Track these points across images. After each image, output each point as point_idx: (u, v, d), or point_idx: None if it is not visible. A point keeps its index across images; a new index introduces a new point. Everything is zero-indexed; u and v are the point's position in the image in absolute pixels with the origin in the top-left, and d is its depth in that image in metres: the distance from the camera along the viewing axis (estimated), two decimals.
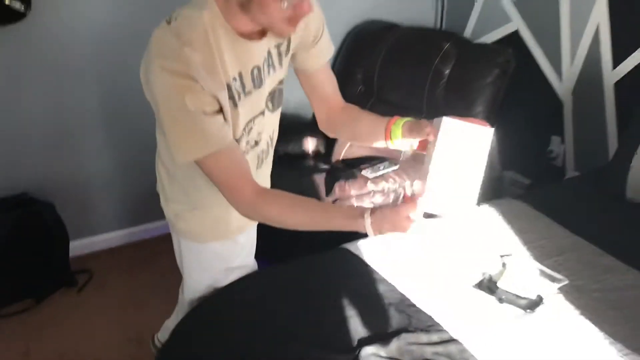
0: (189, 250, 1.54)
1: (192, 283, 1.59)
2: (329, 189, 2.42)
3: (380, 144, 1.33)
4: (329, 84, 1.46)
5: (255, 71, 1.26)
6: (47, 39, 2.42)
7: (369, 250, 1.72)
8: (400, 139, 1.27)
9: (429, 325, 1.41)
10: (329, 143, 2.89)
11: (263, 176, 1.51)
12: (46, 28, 2.39)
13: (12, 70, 2.42)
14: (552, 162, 2.88)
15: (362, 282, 1.59)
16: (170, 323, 1.79)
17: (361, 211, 1.14)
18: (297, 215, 1.23)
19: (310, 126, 2.92)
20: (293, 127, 2.87)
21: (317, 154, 2.91)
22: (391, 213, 1.10)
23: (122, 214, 2.89)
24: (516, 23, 2.93)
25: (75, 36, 2.48)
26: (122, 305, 2.49)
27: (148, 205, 2.90)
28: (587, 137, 2.73)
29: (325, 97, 1.47)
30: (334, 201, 1.26)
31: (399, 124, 1.27)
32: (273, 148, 1.50)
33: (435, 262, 1.68)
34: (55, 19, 2.40)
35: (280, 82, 1.38)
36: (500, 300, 1.50)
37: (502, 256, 1.67)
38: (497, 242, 1.77)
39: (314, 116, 1.51)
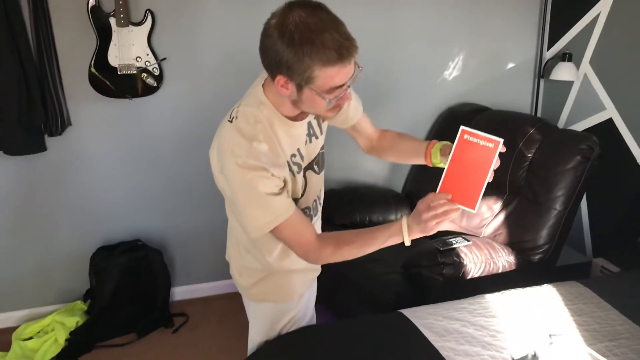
0: (258, 309, 1.73)
1: (256, 337, 1.75)
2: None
3: (420, 162, 1.57)
4: (367, 124, 1.73)
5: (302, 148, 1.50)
6: (173, 110, 2.86)
7: (422, 316, 1.82)
8: (439, 161, 1.49)
9: None
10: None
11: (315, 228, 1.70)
12: (172, 100, 2.83)
13: (138, 136, 2.87)
14: None
15: (407, 343, 1.70)
16: None
17: (399, 225, 1.34)
18: (351, 244, 1.42)
19: (390, 198, 3.11)
20: (377, 201, 3.07)
21: None
22: (418, 220, 1.30)
23: (218, 267, 3.07)
24: (610, 111, 2.96)
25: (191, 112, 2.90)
26: (210, 348, 2.72)
27: None
28: None
29: (367, 134, 1.75)
30: None
31: (437, 147, 1.50)
32: (321, 206, 1.69)
33: (484, 334, 1.74)
34: (177, 93, 2.85)
35: (322, 148, 1.60)
36: None
37: (551, 335, 1.70)
38: (550, 321, 1.80)
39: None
